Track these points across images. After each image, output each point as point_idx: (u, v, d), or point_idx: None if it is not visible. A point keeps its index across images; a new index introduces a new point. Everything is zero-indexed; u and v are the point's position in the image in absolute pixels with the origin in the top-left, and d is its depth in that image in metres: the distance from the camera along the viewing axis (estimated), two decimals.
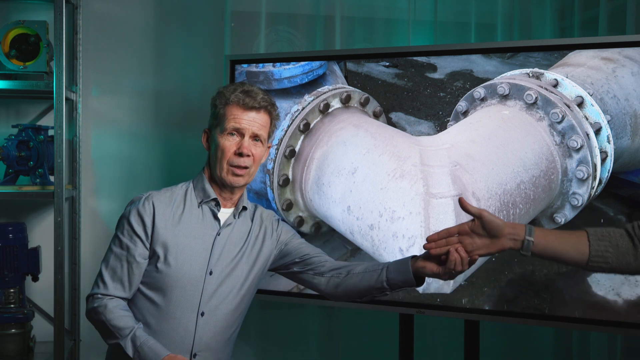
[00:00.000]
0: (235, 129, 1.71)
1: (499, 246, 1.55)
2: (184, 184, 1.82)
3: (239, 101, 1.71)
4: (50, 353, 2.52)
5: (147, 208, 1.73)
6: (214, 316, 1.74)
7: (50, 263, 2.52)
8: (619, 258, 1.52)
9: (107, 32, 2.83)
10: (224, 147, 1.72)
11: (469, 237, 1.57)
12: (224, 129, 1.72)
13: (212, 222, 1.77)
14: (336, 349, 2.93)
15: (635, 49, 2.00)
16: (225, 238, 1.78)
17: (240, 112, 1.71)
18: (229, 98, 1.72)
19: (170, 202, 1.76)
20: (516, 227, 1.55)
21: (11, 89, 2.48)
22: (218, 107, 1.74)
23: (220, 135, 1.72)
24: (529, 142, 2.09)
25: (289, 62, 2.37)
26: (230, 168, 1.72)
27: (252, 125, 1.72)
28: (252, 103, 1.71)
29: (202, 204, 1.77)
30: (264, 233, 1.85)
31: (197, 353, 1.72)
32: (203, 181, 1.78)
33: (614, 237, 1.53)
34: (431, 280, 2.13)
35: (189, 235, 1.74)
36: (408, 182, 2.14)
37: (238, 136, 1.72)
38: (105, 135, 2.85)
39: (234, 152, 1.71)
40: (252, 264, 1.82)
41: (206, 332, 1.73)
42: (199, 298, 1.72)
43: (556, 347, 2.88)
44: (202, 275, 1.73)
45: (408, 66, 2.27)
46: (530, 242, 1.53)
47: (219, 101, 1.75)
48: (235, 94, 1.72)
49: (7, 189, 2.50)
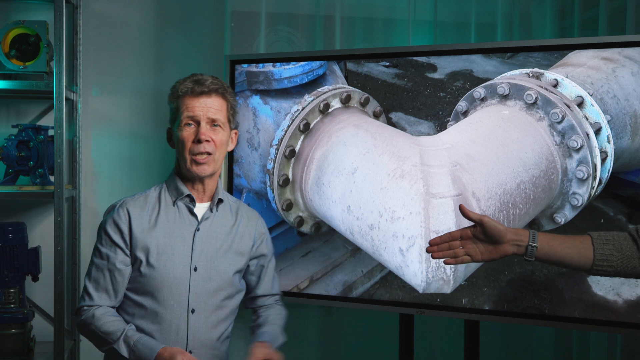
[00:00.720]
0: (189, 118, 1.72)
1: (502, 252, 1.55)
2: (157, 186, 1.83)
3: (188, 90, 1.72)
4: (50, 353, 2.51)
5: (122, 215, 1.75)
6: (205, 312, 1.75)
7: (50, 263, 2.52)
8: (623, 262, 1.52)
9: (107, 32, 2.83)
10: (182, 138, 1.72)
11: (471, 241, 1.56)
12: (180, 121, 1.73)
13: (189, 219, 1.78)
14: (336, 349, 2.93)
15: (635, 49, 2.00)
16: (205, 233, 1.78)
17: (192, 100, 1.72)
18: (179, 89, 1.74)
19: (145, 205, 1.77)
20: (519, 232, 1.54)
21: (11, 89, 2.48)
22: (172, 102, 1.76)
23: (178, 128, 1.74)
24: (529, 142, 2.09)
25: (289, 62, 2.37)
26: (192, 158, 1.72)
27: (206, 110, 1.72)
28: (201, 88, 1.72)
29: (177, 202, 1.77)
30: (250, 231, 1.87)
31: (192, 350, 1.73)
32: (175, 180, 1.79)
33: (618, 240, 1.53)
34: (431, 279, 2.13)
35: (167, 235, 1.74)
36: (408, 182, 2.14)
37: (194, 125, 1.72)
38: (105, 135, 2.85)
39: (192, 141, 1.71)
40: (239, 258, 1.83)
41: (199, 329, 1.74)
42: (187, 296, 1.73)
43: (556, 347, 2.88)
44: (186, 272, 1.73)
45: (408, 66, 2.27)
46: (534, 247, 1.52)
47: (172, 96, 1.76)
48: (185, 84, 1.73)
49: (7, 189, 2.50)
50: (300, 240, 2.37)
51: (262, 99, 2.38)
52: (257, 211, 1.97)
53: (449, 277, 2.13)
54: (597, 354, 2.68)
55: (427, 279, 2.13)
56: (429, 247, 1.59)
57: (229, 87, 1.79)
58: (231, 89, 1.81)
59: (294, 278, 2.36)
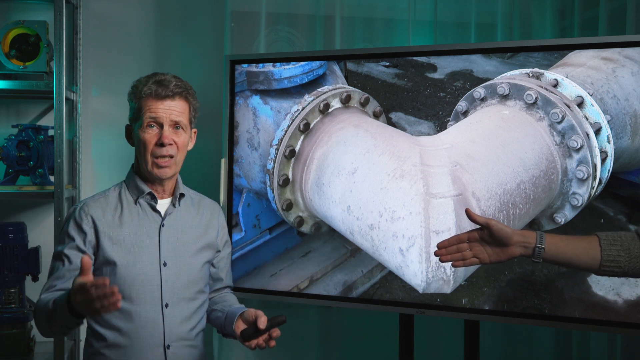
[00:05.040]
0: (152, 120, 1.71)
1: (509, 254, 1.55)
2: (115, 187, 1.82)
3: (151, 92, 1.71)
4: (50, 353, 2.51)
5: (84, 218, 1.73)
6: (178, 305, 1.76)
7: None
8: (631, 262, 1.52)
9: (107, 32, 2.84)
10: (145, 140, 1.71)
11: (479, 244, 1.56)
12: (142, 123, 1.72)
13: (153, 215, 1.78)
14: (336, 349, 2.93)
15: (635, 49, 2.00)
16: (171, 227, 1.79)
17: (155, 102, 1.71)
18: (142, 91, 1.72)
19: (106, 206, 1.76)
20: (526, 234, 1.55)
21: (11, 89, 2.48)
22: (133, 101, 1.74)
23: (140, 129, 1.72)
24: (529, 142, 2.09)
25: (289, 62, 2.37)
26: (154, 160, 1.72)
27: (170, 113, 1.72)
28: (165, 92, 1.71)
29: (139, 200, 1.78)
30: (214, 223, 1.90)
31: (170, 344, 1.74)
32: (134, 179, 1.79)
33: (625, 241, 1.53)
34: (431, 279, 2.13)
35: (133, 233, 1.74)
36: (408, 182, 2.14)
37: (157, 127, 1.72)
38: (105, 135, 2.85)
39: (155, 143, 1.71)
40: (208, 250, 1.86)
41: (174, 323, 1.74)
42: (159, 291, 1.73)
43: (556, 347, 2.88)
44: (156, 268, 1.74)
45: (408, 66, 2.27)
46: (542, 249, 1.53)
47: (133, 95, 1.75)
48: (148, 85, 1.72)
49: (7, 189, 2.50)
50: (300, 240, 2.37)
51: (262, 99, 2.38)
52: (257, 211, 1.98)
53: (449, 277, 2.13)
54: (597, 354, 2.68)
55: (427, 279, 2.13)
56: (437, 250, 1.59)
57: (191, 89, 1.80)
58: (193, 90, 1.81)
59: (294, 278, 2.36)
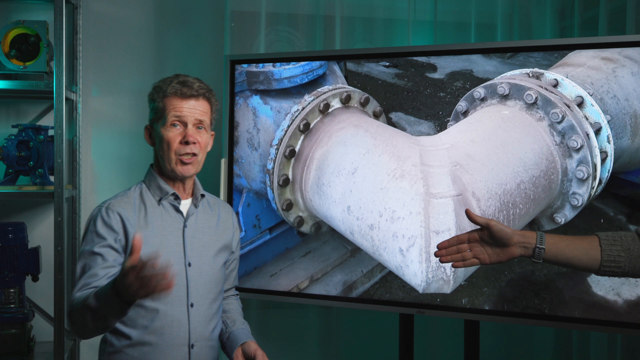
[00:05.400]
0: (177, 118, 1.74)
1: (509, 254, 1.55)
2: (135, 187, 1.83)
3: (176, 92, 1.74)
4: (50, 353, 2.51)
5: (112, 217, 1.73)
6: (202, 305, 1.78)
7: (50, 263, 2.52)
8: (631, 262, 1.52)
9: (107, 32, 2.84)
10: (169, 139, 1.74)
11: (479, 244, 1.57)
12: (166, 121, 1.74)
13: (176, 216, 1.79)
14: (336, 349, 2.93)
15: (635, 49, 2.00)
16: (193, 228, 1.81)
17: (180, 101, 1.74)
18: (166, 90, 1.75)
19: (130, 207, 1.77)
20: (527, 235, 1.55)
21: (11, 89, 2.48)
22: (156, 101, 1.76)
23: (163, 128, 1.75)
24: (529, 142, 2.09)
25: (289, 62, 2.37)
26: (178, 158, 1.74)
27: (194, 112, 1.75)
28: (190, 92, 1.74)
29: (162, 201, 1.78)
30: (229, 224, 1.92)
31: (194, 343, 1.76)
32: (156, 179, 1.80)
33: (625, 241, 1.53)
34: (431, 279, 2.13)
35: (158, 234, 1.76)
36: (408, 182, 2.14)
37: (181, 126, 1.74)
38: (105, 135, 2.85)
39: (179, 142, 1.74)
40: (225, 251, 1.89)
41: (199, 322, 1.77)
42: (185, 291, 1.75)
43: (556, 347, 2.88)
44: (182, 269, 1.76)
45: (408, 66, 2.27)
46: (542, 249, 1.53)
47: (156, 95, 1.77)
48: (172, 85, 1.75)
49: (7, 189, 2.50)
50: (300, 240, 2.37)
51: (262, 99, 2.38)
52: (257, 211, 1.98)
53: (449, 277, 2.13)
54: (597, 354, 2.68)
55: (427, 279, 2.13)
56: (437, 251, 1.59)
57: (212, 90, 1.83)
58: (213, 91, 1.84)
59: (294, 278, 2.36)
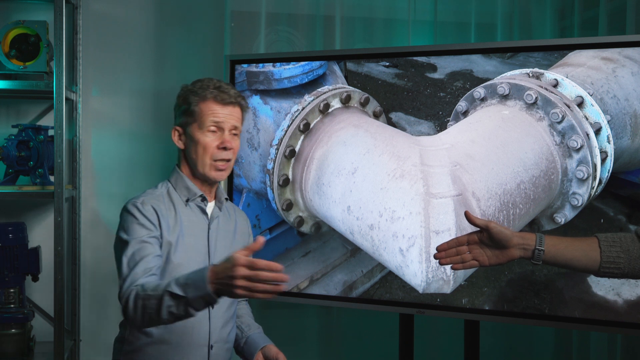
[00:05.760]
0: (215, 124, 1.75)
1: (509, 256, 1.55)
2: (162, 185, 1.82)
3: (215, 97, 1.76)
4: (50, 353, 2.51)
5: (149, 210, 1.73)
6: (222, 307, 1.80)
7: (50, 263, 2.52)
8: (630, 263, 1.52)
9: (107, 32, 2.83)
10: (205, 144, 1.75)
11: (478, 246, 1.57)
12: (203, 126, 1.75)
13: (202, 218, 1.81)
14: (336, 349, 2.93)
15: (635, 49, 2.00)
16: (215, 231, 1.83)
17: (218, 107, 1.76)
18: (204, 95, 1.76)
19: (162, 204, 1.77)
20: (526, 236, 1.55)
21: (11, 89, 2.48)
22: (192, 104, 1.77)
23: (200, 132, 1.75)
24: (529, 142, 2.09)
25: (289, 62, 2.37)
26: (213, 163, 1.76)
27: (230, 119, 1.77)
28: (228, 99, 1.77)
29: (189, 202, 1.79)
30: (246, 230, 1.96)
31: (213, 345, 1.78)
32: (183, 179, 1.80)
33: (625, 242, 1.53)
34: (431, 279, 2.13)
35: (187, 234, 1.77)
36: (408, 182, 2.14)
37: (218, 131, 1.76)
38: (105, 135, 2.85)
39: (216, 147, 1.75)
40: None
41: (218, 324, 1.79)
42: None
43: (556, 347, 2.88)
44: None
45: (408, 66, 2.27)
46: (541, 251, 1.53)
47: (192, 98, 1.77)
48: (210, 90, 1.76)
49: (7, 189, 2.50)
50: (300, 240, 2.37)
51: (262, 99, 2.38)
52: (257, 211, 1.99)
53: (449, 277, 2.13)
54: (597, 354, 2.68)
55: (427, 279, 2.13)
56: (436, 253, 1.59)
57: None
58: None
59: (294, 278, 2.36)
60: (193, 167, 1.79)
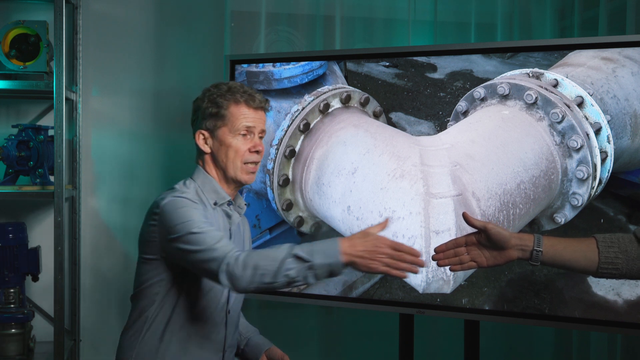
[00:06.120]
0: (247, 128, 1.75)
1: (507, 257, 1.56)
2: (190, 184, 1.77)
3: (247, 101, 1.75)
4: (50, 353, 2.51)
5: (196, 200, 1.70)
6: (235, 313, 1.81)
7: (50, 263, 2.52)
8: (629, 264, 1.52)
9: (107, 32, 2.83)
10: (237, 147, 1.74)
11: (476, 247, 1.57)
12: (234, 129, 1.74)
13: (225, 221, 1.79)
14: (336, 349, 2.93)
15: (635, 49, 2.00)
16: (234, 235, 1.82)
17: (250, 111, 1.76)
18: (236, 98, 1.75)
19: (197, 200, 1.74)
20: (524, 237, 1.55)
21: (11, 89, 2.48)
22: (222, 107, 1.74)
23: (231, 135, 1.74)
24: (529, 142, 2.09)
25: (289, 62, 2.37)
26: (244, 166, 1.75)
27: (260, 122, 1.78)
28: (258, 103, 1.77)
29: (217, 206, 1.77)
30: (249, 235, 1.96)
31: (226, 349, 1.79)
32: (211, 182, 1.77)
33: (623, 243, 1.53)
34: (431, 279, 2.13)
35: None
36: (408, 182, 2.14)
37: (249, 135, 1.76)
38: (105, 135, 2.85)
39: (249, 150, 1.75)
40: None
41: (231, 329, 1.80)
42: (226, 298, 1.77)
43: (556, 347, 2.88)
44: None
45: (408, 66, 2.27)
46: (539, 252, 1.53)
47: (222, 102, 1.75)
48: (240, 94, 1.76)
49: (7, 189, 2.49)
50: (300, 240, 2.37)
51: None
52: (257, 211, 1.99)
53: (449, 277, 2.13)
54: (597, 354, 2.68)
55: (427, 279, 2.14)
56: (434, 254, 1.59)
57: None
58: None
59: None
60: (223, 170, 1.77)
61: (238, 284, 1.51)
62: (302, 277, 1.48)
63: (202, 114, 1.78)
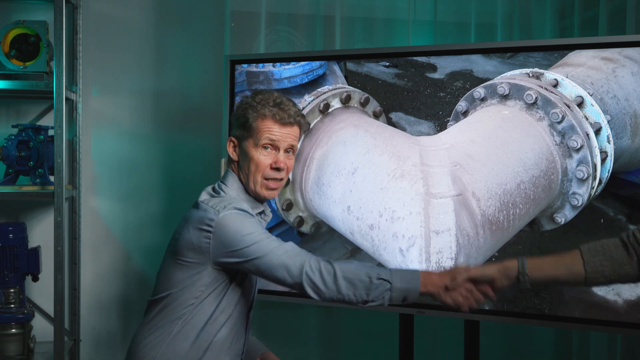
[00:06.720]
0: (270, 142, 1.68)
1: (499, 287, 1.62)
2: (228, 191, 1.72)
3: (274, 115, 1.68)
4: (50, 353, 2.51)
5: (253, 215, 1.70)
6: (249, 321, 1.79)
7: (50, 263, 2.52)
8: (615, 270, 1.53)
9: (107, 32, 2.83)
10: (258, 162, 1.68)
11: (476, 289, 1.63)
12: (258, 143, 1.68)
13: None
14: (336, 349, 2.93)
15: (635, 49, 2.00)
16: None
17: (276, 126, 1.68)
18: (263, 112, 1.68)
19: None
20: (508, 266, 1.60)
21: (11, 89, 2.48)
22: (250, 119, 1.69)
23: (254, 148, 1.68)
24: (529, 142, 2.09)
25: (289, 62, 2.37)
26: (264, 182, 1.69)
27: (287, 138, 1.70)
28: (287, 119, 1.69)
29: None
30: None
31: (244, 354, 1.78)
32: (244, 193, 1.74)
33: (608, 249, 1.55)
34: None
35: None
36: (408, 182, 2.14)
37: (272, 149, 1.69)
38: (105, 135, 2.85)
39: (269, 166, 1.69)
40: None
41: (248, 336, 1.80)
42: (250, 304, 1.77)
43: (556, 347, 2.88)
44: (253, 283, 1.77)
45: (408, 66, 2.27)
46: (525, 276, 1.58)
47: (250, 113, 1.70)
48: (269, 107, 1.69)
49: (7, 189, 2.50)
50: (300, 240, 2.37)
51: None
52: None
53: None
54: (597, 354, 2.68)
55: None
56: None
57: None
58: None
59: None
60: (246, 182, 1.72)
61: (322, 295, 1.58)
62: (381, 298, 1.57)
63: (235, 121, 1.74)
